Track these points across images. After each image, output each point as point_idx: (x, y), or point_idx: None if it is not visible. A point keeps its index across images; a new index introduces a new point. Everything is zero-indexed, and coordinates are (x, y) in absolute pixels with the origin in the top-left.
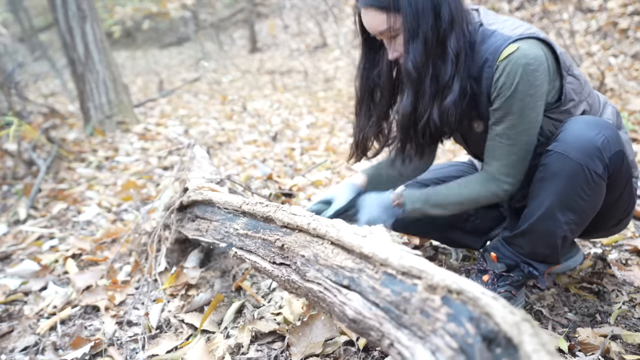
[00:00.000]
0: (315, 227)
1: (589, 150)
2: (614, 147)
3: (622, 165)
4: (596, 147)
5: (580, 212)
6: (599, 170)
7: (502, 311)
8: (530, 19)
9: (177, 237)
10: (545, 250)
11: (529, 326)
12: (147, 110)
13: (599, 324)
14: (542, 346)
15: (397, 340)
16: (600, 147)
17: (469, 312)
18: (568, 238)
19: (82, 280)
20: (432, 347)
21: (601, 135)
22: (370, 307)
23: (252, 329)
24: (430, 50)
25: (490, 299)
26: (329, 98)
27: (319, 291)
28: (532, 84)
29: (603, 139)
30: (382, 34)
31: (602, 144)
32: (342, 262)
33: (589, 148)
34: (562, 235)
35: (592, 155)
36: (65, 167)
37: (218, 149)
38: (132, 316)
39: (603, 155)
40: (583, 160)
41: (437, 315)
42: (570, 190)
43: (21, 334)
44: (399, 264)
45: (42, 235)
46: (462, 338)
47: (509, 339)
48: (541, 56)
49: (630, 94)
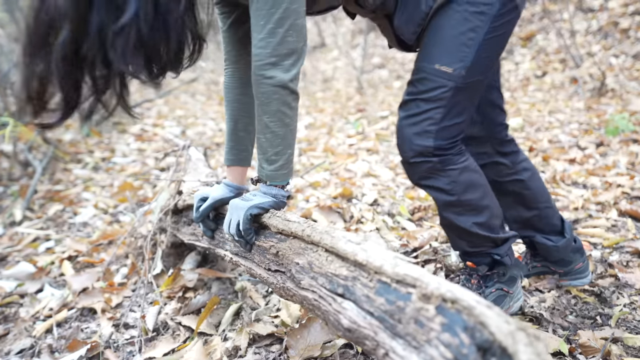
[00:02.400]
0: (310, 233)
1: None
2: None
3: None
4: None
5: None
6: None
7: (497, 320)
8: (531, 19)
9: (173, 241)
10: (469, 237)
11: (524, 335)
12: (144, 110)
13: (600, 326)
14: (537, 356)
15: (392, 350)
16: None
17: (464, 321)
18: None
19: (79, 283)
20: (426, 357)
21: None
22: (364, 316)
23: (250, 332)
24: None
25: (485, 307)
26: (327, 98)
27: (313, 299)
28: None
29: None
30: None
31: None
32: (336, 269)
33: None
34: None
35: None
36: (62, 168)
37: (215, 149)
38: (128, 319)
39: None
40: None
41: (431, 325)
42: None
43: (17, 336)
44: (393, 272)
45: (38, 236)
46: (456, 348)
47: (503, 349)
48: None
49: (631, 94)
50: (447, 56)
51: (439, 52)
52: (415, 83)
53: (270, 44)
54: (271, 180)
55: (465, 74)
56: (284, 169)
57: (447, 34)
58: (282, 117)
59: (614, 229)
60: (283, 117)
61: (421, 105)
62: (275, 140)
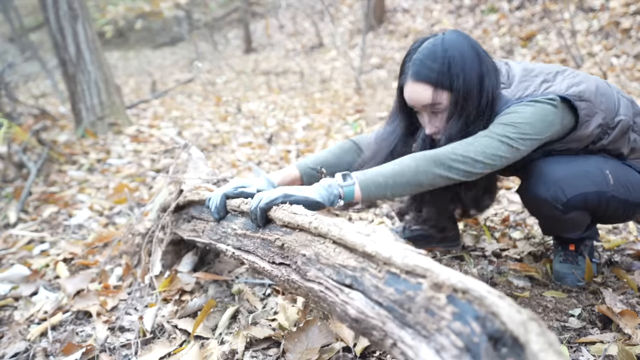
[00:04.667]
0: (317, 225)
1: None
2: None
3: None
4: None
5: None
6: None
7: (509, 310)
8: (531, 19)
9: (172, 238)
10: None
11: (535, 325)
12: (140, 111)
13: (601, 329)
14: (550, 345)
15: (400, 340)
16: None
17: (475, 311)
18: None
19: (74, 285)
20: (436, 346)
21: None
22: (373, 306)
23: (247, 335)
24: (468, 126)
25: (497, 298)
26: (325, 99)
27: (319, 291)
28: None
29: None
30: (423, 107)
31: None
32: (344, 261)
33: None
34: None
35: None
36: (56, 170)
37: (212, 151)
38: (124, 322)
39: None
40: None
41: (442, 313)
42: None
43: (11, 340)
44: (402, 262)
45: (33, 239)
46: (467, 337)
47: (515, 338)
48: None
49: (633, 95)
50: None
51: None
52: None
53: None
54: (347, 192)
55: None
56: (364, 194)
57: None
58: (434, 184)
59: (615, 230)
60: (433, 184)
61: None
62: (396, 189)
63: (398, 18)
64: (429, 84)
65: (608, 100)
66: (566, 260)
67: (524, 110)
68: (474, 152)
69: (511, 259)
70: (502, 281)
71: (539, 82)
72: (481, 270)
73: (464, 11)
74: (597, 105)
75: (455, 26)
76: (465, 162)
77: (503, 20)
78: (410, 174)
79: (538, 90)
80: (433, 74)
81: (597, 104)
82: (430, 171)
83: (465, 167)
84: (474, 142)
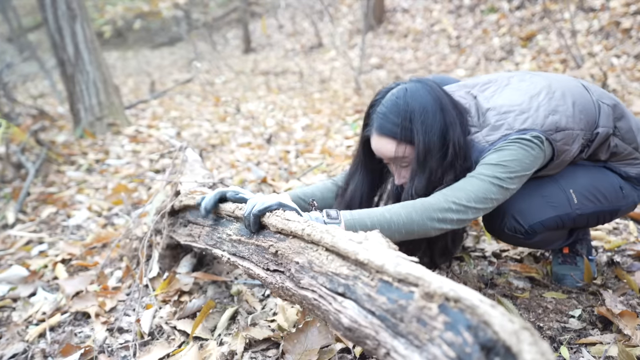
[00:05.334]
0: (310, 232)
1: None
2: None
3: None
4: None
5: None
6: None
7: (501, 319)
8: (531, 19)
9: (169, 242)
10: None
11: (528, 334)
12: (139, 112)
13: (602, 330)
14: (542, 355)
15: (393, 350)
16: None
17: (467, 320)
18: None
19: (72, 286)
20: (429, 356)
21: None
22: (365, 315)
23: (246, 336)
24: (433, 180)
25: (489, 307)
26: (324, 99)
27: (313, 299)
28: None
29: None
30: (390, 160)
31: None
32: (337, 269)
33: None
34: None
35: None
36: (55, 170)
37: (211, 151)
38: (123, 323)
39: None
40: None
41: (434, 323)
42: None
43: (9, 341)
44: (395, 271)
45: (31, 239)
46: (459, 347)
47: (507, 348)
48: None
49: (633, 95)
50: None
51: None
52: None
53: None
54: (331, 223)
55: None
56: (349, 228)
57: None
58: (426, 234)
59: (615, 231)
60: (426, 234)
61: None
62: (392, 233)
63: (398, 18)
64: (392, 138)
65: (588, 116)
66: (565, 261)
67: (508, 148)
68: (466, 199)
69: (511, 259)
70: (502, 282)
71: (512, 117)
72: (481, 271)
73: (463, 11)
74: (577, 126)
75: (455, 26)
76: (458, 211)
77: (503, 20)
78: (400, 223)
79: (513, 125)
80: (396, 128)
81: (576, 126)
82: (422, 222)
83: (458, 215)
84: (463, 186)
